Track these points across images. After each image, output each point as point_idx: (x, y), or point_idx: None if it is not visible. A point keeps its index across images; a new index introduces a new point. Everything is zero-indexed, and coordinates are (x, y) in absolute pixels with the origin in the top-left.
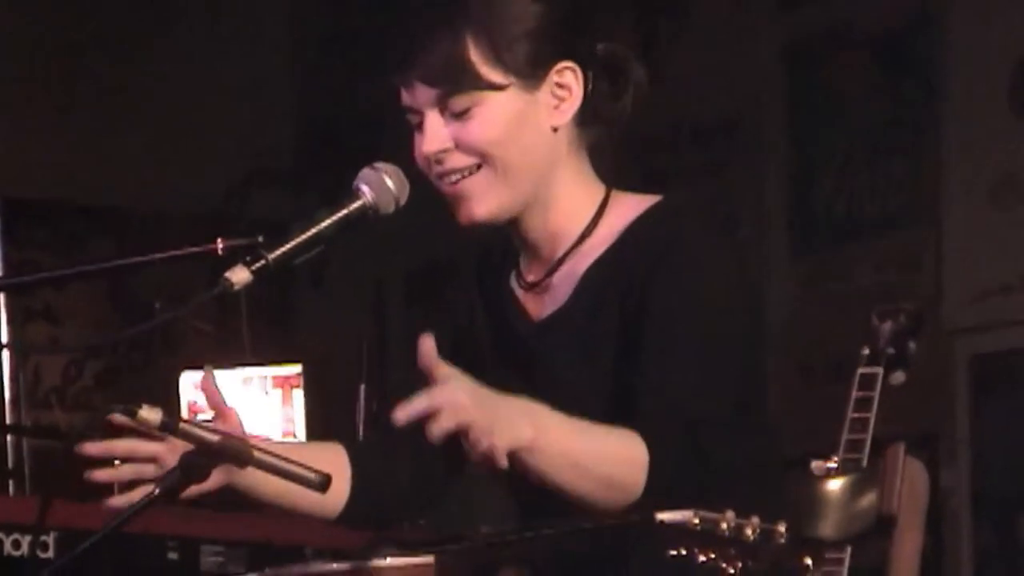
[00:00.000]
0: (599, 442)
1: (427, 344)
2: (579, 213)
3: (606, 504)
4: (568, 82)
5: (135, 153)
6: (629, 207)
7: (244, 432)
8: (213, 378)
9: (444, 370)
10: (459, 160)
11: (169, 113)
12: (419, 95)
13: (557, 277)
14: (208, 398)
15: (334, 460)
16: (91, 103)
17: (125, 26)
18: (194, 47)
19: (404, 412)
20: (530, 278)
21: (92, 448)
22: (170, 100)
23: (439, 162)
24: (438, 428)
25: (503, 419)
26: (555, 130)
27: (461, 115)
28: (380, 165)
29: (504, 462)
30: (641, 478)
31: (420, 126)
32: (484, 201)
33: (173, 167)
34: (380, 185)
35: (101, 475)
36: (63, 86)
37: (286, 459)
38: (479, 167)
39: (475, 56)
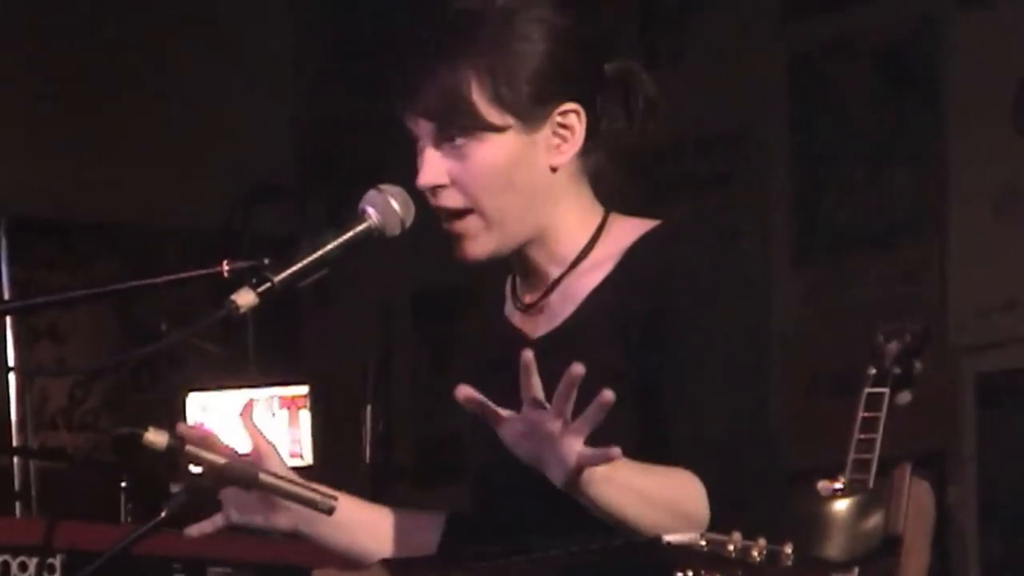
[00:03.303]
0: (661, 475)
1: (466, 392)
2: (576, 236)
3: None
4: (571, 123)
5: (139, 171)
6: (628, 229)
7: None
8: (251, 413)
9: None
10: (451, 200)
11: (172, 131)
12: (420, 126)
13: (553, 297)
14: (248, 432)
15: (432, 527)
16: (95, 122)
17: (129, 45)
18: (197, 66)
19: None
20: (527, 299)
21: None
22: (173, 118)
23: (434, 196)
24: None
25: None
26: (554, 170)
27: (460, 153)
28: (385, 187)
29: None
30: (706, 508)
31: (421, 154)
32: (478, 243)
33: (177, 185)
34: (385, 207)
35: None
36: (68, 105)
37: (292, 481)
38: (470, 211)
39: (476, 95)
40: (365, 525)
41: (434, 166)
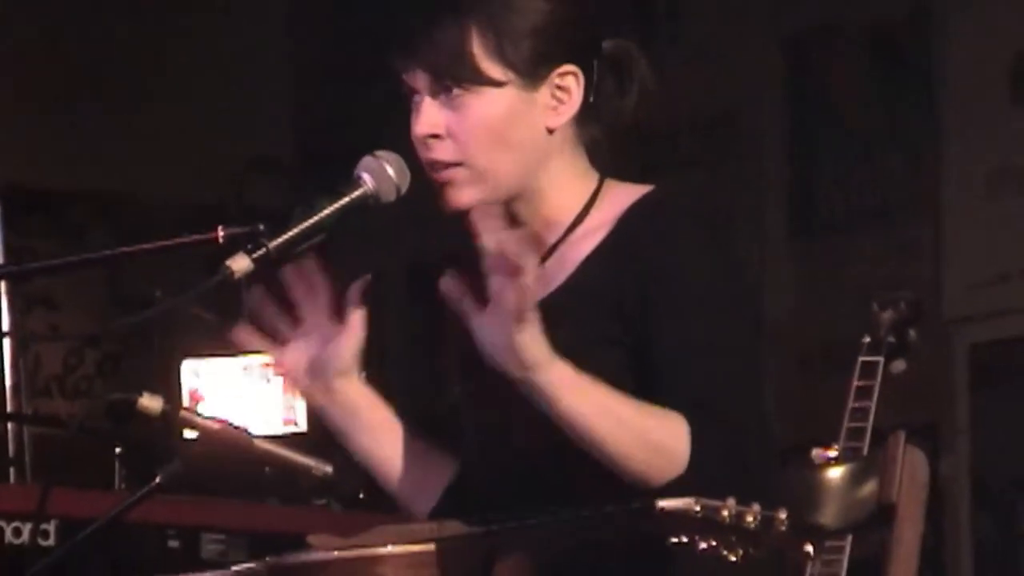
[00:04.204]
0: (640, 404)
1: (448, 284)
2: (571, 202)
3: (648, 471)
4: (569, 86)
5: (135, 142)
6: (622, 196)
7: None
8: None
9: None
10: (444, 152)
11: (169, 102)
12: (419, 79)
13: (549, 264)
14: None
15: (443, 467)
16: (91, 92)
17: (126, 18)
18: (194, 37)
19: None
20: None
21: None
22: (170, 89)
23: (428, 148)
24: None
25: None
26: (550, 131)
27: (457, 105)
28: (381, 153)
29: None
30: (684, 447)
31: (417, 107)
32: (466, 191)
33: (173, 156)
34: (381, 173)
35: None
36: (63, 75)
37: (288, 448)
38: (460, 164)
39: (478, 49)
40: (394, 435)
41: (431, 116)
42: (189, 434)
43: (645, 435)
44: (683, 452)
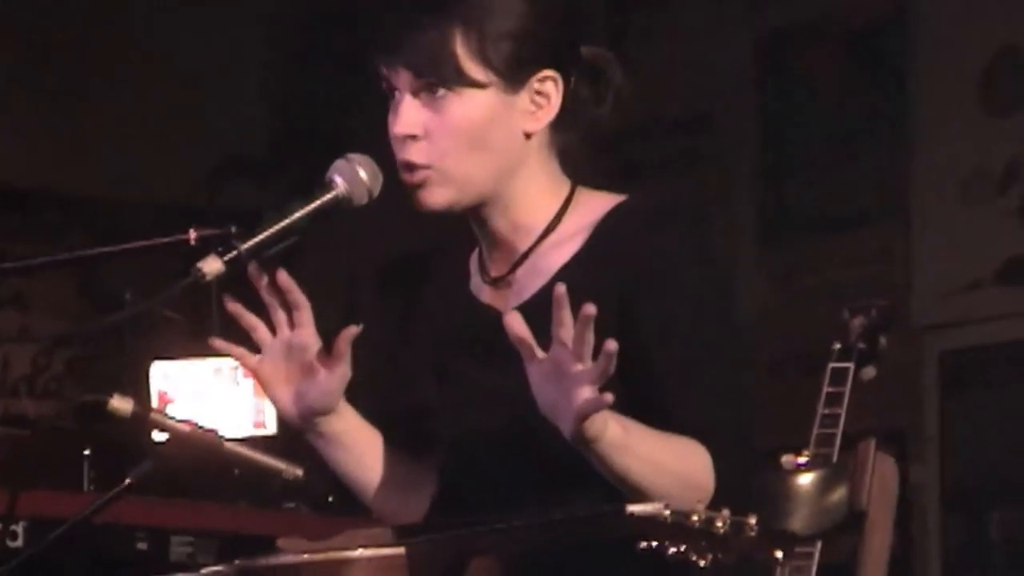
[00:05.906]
0: (674, 444)
1: (515, 322)
2: (543, 209)
3: (680, 505)
4: (548, 91)
5: (108, 143)
6: (595, 204)
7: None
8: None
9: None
10: (419, 155)
11: (142, 102)
12: (401, 77)
13: (522, 271)
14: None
15: (424, 485)
16: (63, 92)
17: (100, 18)
18: (167, 36)
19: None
20: (494, 273)
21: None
22: (143, 89)
23: (404, 148)
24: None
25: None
26: (528, 136)
27: (438, 105)
28: (353, 156)
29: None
30: (711, 479)
31: (396, 105)
32: (437, 193)
33: (146, 157)
34: (353, 176)
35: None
36: (35, 75)
37: (258, 451)
38: (430, 168)
39: (461, 50)
40: (375, 455)
41: (410, 116)
42: (159, 436)
43: (684, 477)
44: (711, 484)
